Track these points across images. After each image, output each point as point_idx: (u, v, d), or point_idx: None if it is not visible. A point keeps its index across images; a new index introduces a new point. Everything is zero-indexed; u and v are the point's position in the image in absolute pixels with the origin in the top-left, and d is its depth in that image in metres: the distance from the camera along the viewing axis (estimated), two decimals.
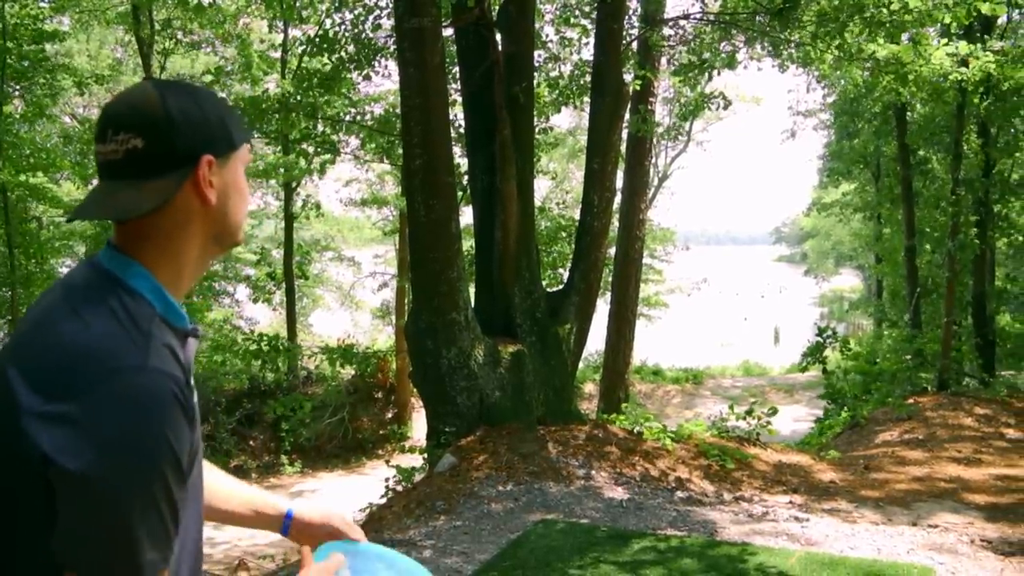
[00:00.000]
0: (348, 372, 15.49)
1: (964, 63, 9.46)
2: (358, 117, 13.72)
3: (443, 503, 5.83)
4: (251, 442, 13.94)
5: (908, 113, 16.34)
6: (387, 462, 8.08)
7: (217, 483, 1.45)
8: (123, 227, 1.15)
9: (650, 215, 21.58)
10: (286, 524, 1.46)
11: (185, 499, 1.11)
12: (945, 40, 9.98)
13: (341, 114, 13.41)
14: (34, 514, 1.01)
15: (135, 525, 1.01)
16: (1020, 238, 18.86)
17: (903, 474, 7.27)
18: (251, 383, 14.59)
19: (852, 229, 32.15)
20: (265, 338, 13.48)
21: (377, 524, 5.94)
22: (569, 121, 25.67)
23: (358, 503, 7.54)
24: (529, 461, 6.50)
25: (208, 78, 13.48)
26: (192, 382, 1.18)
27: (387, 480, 7.26)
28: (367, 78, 10.55)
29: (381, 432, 15.22)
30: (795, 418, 16.72)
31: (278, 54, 16.57)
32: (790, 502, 6.09)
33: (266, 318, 24.03)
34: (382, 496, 7.04)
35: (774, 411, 8.70)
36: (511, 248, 7.78)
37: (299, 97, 11.41)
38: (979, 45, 9.81)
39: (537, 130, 10.83)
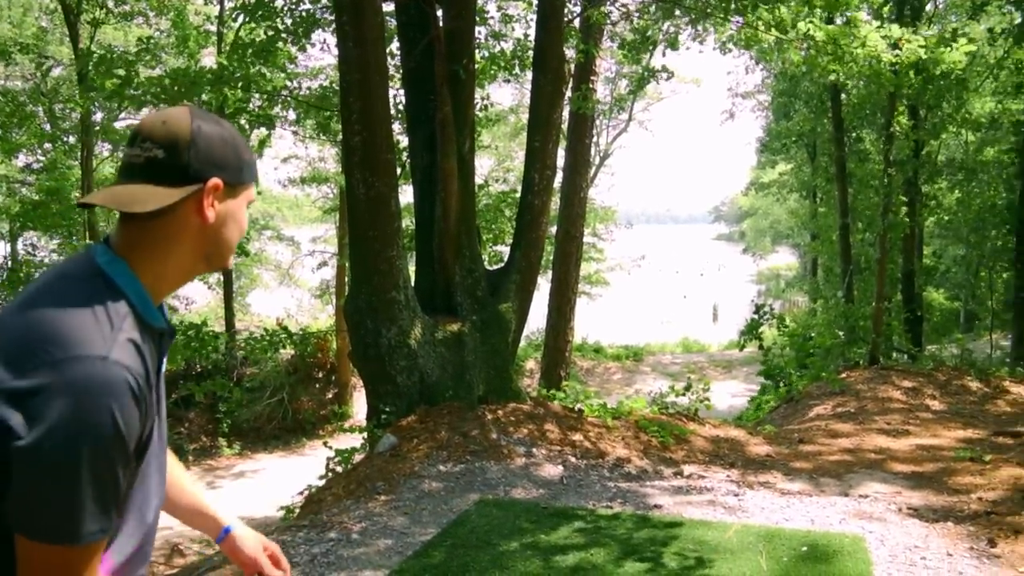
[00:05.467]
0: (288, 352, 15.27)
1: (896, 45, 9.70)
2: (295, 91, 13.41)
3: (383, 484, 5.78)
4: (187, 424, 13.66)
5: (843, 95, 16.68)
6: (325, 443, 7.97)
7: (175, 477, 1.63)
8: (123, 228, 1.30)
9: (591, 193, 21.69)
10: (221, 536, 1.68)
11: (136, 478, 1.26)
12: (878, 23, 10.20)
13: (278, 88, 13.09)
14: None
15: (77, 496, 1.13)
16: (946, 217, 19.51)
17: (835, 446, 7.48)
18: (187, 364, 14.26)
19: (788, 208, 32.88)
20: (192, 328, 13.12)
21: (316, 506, 5.87)
22: (511, 98, 25.71)
23: (298, 484, 7.45)
24: (470, 440, 6.49)
25: (138, 50, 12.99)
26: (162, 373, 1.36)
27: (327, 461, 7.17)
28: (303, 50, 10.30)
29: (321, 412, 15.07)
30: (733, 393, 17.09)
31: (214, 27, 16.05)
32: (727, 476, 6.21)
33: (203, 297, 23.52)
34: (321, 477, 6.96)
35: (707, 386, 8.90)
36: (451, 226, 7.72)
37: (234, 69, 11.07)
38: (909, 29, 10.05)
39: (478, 107, 10.74)
